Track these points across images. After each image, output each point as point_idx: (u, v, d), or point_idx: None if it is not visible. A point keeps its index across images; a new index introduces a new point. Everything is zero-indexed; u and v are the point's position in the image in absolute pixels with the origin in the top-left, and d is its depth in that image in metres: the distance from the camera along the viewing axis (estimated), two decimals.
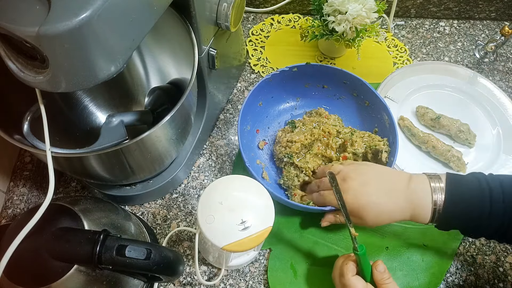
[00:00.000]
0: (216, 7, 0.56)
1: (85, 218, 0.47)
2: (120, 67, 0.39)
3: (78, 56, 0.35)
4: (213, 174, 0.70)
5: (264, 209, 0.49)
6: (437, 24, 0.94)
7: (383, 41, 0.89)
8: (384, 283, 0.50)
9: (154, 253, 0.44)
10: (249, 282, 0.61)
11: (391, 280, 0.50)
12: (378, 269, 0.51)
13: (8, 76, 0.40)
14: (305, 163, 0.65)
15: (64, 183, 0.68)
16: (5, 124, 0.47)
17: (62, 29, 0.32)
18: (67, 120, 0.64)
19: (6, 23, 0.33)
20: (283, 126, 0.74)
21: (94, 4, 0.33)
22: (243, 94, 0.80)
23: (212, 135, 0.75)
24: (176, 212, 0.66)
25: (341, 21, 0.71)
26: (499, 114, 0.77)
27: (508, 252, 0.66)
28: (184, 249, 0.63)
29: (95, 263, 0.42)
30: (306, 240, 0.64)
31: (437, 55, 0.89)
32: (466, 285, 0.63)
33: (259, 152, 0.71)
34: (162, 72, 0.68)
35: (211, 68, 0.62)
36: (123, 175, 0.58)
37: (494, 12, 0.93)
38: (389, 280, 0.50)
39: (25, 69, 0.38)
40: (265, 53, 0.85)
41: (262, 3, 0.90)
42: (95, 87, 0.41)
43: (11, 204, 0.65)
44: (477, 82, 0.81)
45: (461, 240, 0.66)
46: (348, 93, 0.72)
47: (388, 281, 0.50)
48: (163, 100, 0.63)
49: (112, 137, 0.53)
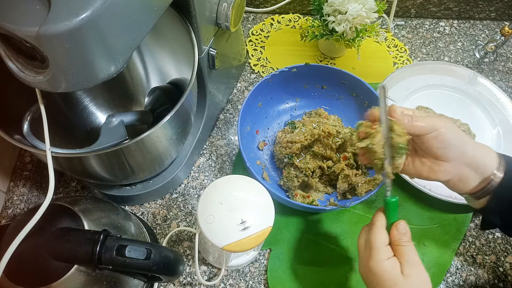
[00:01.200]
0: (216, 7, 0.56)
1: (85, 218, 0.47)
2: (120, 67, 0.39)
3: (78, 56, 0.35)
4: (213, 174, 0.70)
5: (264, 209, 0.49)
6: (437, 24, 0.94)
7: (383, 41, 0.89)
8: (401, 244, 0.44)
9: (154, 253, 0.44)
10: (249, 282, 0.61)
11: (411, 244, 0.44)
12: (399, 229, 0.44)
13: (8, 76, 0.40)
14: (305, 164, 0.65)
15: (64, 183, 0.68)
16: (5, 124, 0.47)
17: (62, 29, 0.32)
18: (67, 120, 0.64)
19: (6, 23, 0.33)
20: (282, 127, 0.74)
21: (94, 4, 0.33)
22: (243, 94, 0.80)
23: (212, 135, 0.75)
24: (176, 212, 0.66)
25: (341, 21, 0.71)
26: (499, 114, 0.77)
27: (508, 252, 0.66)
28: (184, 249, 0.63)
29: (95, 263, 0.42)
30: (306, 240, 0.64)
31: (437, 55, 0.89)
32: (466, 285, 0.63)
33: (259, 152, 0.71)
34: (162, 72, 0.68)
35: (211, 68, 0.62)
36: (123, 175, 0.58)
37: (494, 12, 0.93)
38: (408, 242, 0.44)
39: (25, 69, 0.38)
40: (265, 53, 0.85)
41: (262, 3, 0.90)
42: (95, 87, 0.42)
43: (11, 204, 0.65)
44: (477, 82, 0.81)
45: (461, 240, 0.66)
46: (347, 93, 0.72)
47: (406, 243, 0.44)
48: (163, 100, 0.63)
49: (112, 137, 0.53)
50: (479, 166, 0.46)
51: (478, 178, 0.47)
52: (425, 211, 0.68)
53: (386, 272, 0.42)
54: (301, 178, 0.65)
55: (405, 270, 0.42)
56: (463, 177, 0.47)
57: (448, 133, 0.45)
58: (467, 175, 0.47)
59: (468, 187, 0.48)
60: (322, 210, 0.63)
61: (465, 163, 0.46)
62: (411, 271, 0.42)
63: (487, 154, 0.47)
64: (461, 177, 0.47)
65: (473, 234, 0.67)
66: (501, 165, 0.46)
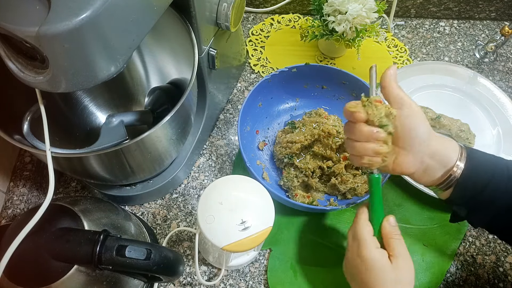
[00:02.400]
0: (216, 7, 0.56)
1: (85, 218, 0.47)
2: (120, 67, 0.39)
3: (78, 56, 0.35)
4: (213, 174, 0.70)
5: (264, 209, 0.49)
6: (437, 24, 0.94)
7: (383, 41, 0.89)
8: (393, 237, 0.46)
9: (154, 253, 0.44)
10: (249, 282, 0.61)
11: (401, 237, 0.47)
12: (390, 222, 0.47)
13: (8, 76, 0.40)
14: (305, 164, 0.65)
15: (64, 183, 0.68)
16: (5, 124, 0.47)
17: (62, 29, 0.32)
18: (67, 120, 0.64)
19: (6, 23, 0.33)
20: (282, 127, 0.74)
21: (94, 4, 0.33)
22: (243, 94, 0.80)
23: (212, 135, 0.75)
24: (176, 212, 0.66)
25: (341, 21, 0.71)
26: (499, 114, 0.77)
27: (508, 252, 0.66)
28: (184, 249, 0.63)
29: (95, 263, 0.42)
30: (306, 240, 0.64)
31: (437, 55, 0.89)
32: (466, 285, 0.63)
33: (259, 153, 0.71)
34: (162, 72, 0.68)
35: (211, 68, 0.62)
36: (123, 175, 0.58)
37: (494, 12, 0.93)
38: (399, 236, 0.47)
39: (25, 69, 0.38)
40: (265, 53, 0.85)
41: (262, 3, 0.90)
42: (95, 87, 0.42)
43: (11, 204, 0.65)
44: (477, 82, 0.81)
45: (461, 240, 0.66)
46: (347, 93, 0.72)
47: (397, 236, 0.47)
48: (163, 100, 0.63)
49: (112, 137, 0.53)
50: (442, 157, 0.47)
51: (441, 169, 0.47)
52: (425, 211, 0.68)
53: (376, 260, 0.45)
54: (301, 178, 0.65)
55: (394, 261, 0.45)
56: (427, 169, 0.48)
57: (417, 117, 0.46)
58: (431, 167, 0.47)
59: (432, 179, 0.48)
60: (322, 210, 0.63)
61: (428, 155, 0.47)
62: (400, 262, 0.45)
63: (449, 146, 0.48)
64: (425, 169, 0.48)
65: (473, 234, 0.67)
66: (462, 156, 0.47)
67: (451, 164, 0.47)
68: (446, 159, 0.47)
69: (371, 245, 0.46)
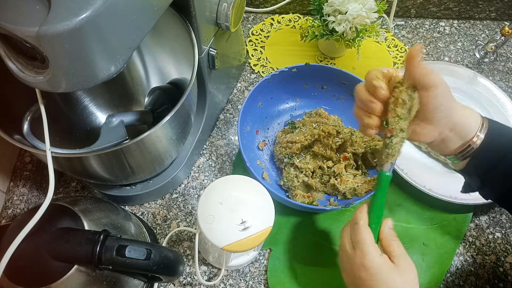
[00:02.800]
0: (216, 7, 0.56)
1: (85, 218, 0.47)
2: (120, 67, 0.39)
3: (78, 56, 0.35)
4: (213, 174, 0.70)
5: (264, 209, 0.49)
6: (437, 24, 0.94)
7: (383, 41, 0.89)
8: (393, 239, 0.47)
9: (154, 253, 0.44)
10: (249, 282, 0.61)
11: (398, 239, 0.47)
12: (389, 225, 0.48)
13: (8, 76, 0.40)
14: (305, 164, 0.65)
15: (64, 183, 0.68)
16: (5, 124, 0.47)
17: (62, 29, 0.32)
18: (67, 120, 0.64)
19: (6, 23, 0.33)
20: (282, 127, 0.74)
21: (94, 4, 0.33)
22: (243, 94, 0.80)
23: (212, 135, 0.75)
24: (176, 212, 0.66)
25: (341, 21, 0.71)
26: (499, 114, 0.77)
27: (508, 252, 0.66)
28: (184, 249, 0.63)
29: (95, 263, 0.42)
30: (306, 240, 0.64)
31: (437, 55, 0.89)
32: (466, 285, 0.63)
33: (259, 152, 0.71)
34: (162, 72, 0.68)
35: (211, 68, 0.62)
36: (123, 175, 0.58)
37: (494, 12, 0.93)
38: (396, 237, 0.47)
39: (25, 69, 0.38)
40: (265, 53, 0.85)
41: (262, 3, 0.90)
42: (95, 87, 0.42)
43: (11, 204, 0.65)
44: (477, 82, 0.81)
45: (461, 240, 0.66)
46: (347, 93, 0.72)
47: (396, 238, 0.47)
48: (163, 100, 0.63)
49: (112, 137, 0.53)
50: (462, 129, 0.47)
51: (460, 141, 0.47)
52: (425, 211, 0.68)
53: (381, 268, 0.45)
54: (301, 178, 0.65)
55: (397, 262, 0.45)
56: (445, 140, 0.47)
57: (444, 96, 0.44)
58: (450, 138, 0.47)
59: (450, 149, 0.48)
60: (322, 210, 0.63)
61: (449, 128, 0.46)
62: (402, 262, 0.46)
63: (471, 118, 0.47)
64: (443, 139, 0.47)
65: (473, 234, 0.67)
66: (484, 127, 0.47)
67: (470, 135, 0.46)
68: (466, 130, 0.46)
69: (375, 253, 0.45)
